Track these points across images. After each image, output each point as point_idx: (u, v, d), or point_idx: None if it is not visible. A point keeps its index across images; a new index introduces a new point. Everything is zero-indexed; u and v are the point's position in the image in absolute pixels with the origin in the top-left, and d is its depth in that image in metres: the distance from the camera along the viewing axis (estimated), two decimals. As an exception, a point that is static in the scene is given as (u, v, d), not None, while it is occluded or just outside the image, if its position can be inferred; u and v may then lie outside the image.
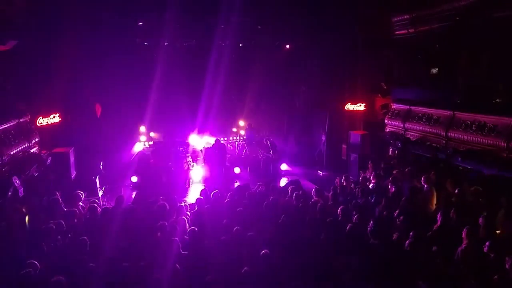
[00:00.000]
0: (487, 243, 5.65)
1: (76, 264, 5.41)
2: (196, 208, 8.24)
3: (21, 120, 10.26)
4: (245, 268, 5.24)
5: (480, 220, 6.37)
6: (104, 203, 10.24)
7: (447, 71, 11.07)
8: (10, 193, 8.00)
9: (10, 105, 10.20)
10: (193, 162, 13.38)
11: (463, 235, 5.96)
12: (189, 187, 12.32)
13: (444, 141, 9.93)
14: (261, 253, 5.59)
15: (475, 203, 7.49)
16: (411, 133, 11.31)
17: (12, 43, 9.33)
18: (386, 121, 12.48)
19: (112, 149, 12.85)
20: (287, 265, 5.49)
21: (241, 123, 16.01)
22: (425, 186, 8.31)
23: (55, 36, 10.79)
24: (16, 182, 8.23)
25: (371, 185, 9.52)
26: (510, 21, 8.64)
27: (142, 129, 14.37)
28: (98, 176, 10.95)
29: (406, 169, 9.48)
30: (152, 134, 15.17)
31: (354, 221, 6.93)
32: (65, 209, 7.84)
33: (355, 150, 12.30)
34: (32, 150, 10.49)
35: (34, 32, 10.17)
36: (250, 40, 14.62)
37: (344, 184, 9.53)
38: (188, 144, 14.01)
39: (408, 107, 11.58)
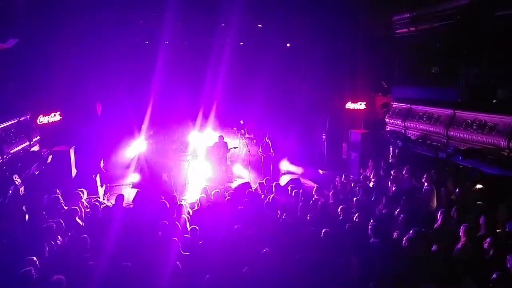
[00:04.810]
0: (487, 240, 5.65)
1: (77, 263, 5.42)
2: (196, 207, 8.26)
3: (21, 119, 10.27)
4: (246, 267, 5.24)
5: (481, 219, 6.37)
6: (104, 201, 10.26)
7: (448, 70, 11.04)
8: (10, 191, 8.01)
9: (11, 103, 10.21)
10: (193, 160, 13.38)
11: (461, 233, 5.97)
12: (189, 185, 12.33)
13: (444, 140, 9.92)
14: (262, 251, 5.60)
15: (477, 202, 7.52)
16: (411, 131, 11.30)
17: (12, 42, 9.32)
18: (386, 119, 12.47)
19: (112, 147, 12.86)
20: (288, 264, 5.49)
21: (241, 121, 16.00)
22: (426, 184, 8.31)
23: (55, 35, 10.78)
24: (16, 180, 8.23)
25: (371, 183, 9.53)
26: (511, 20, 8.63)
27: (143, 127, 14.38)
28: (98, 175, 10.96)
29: (406, 168, 9.48)
30: (152, 132, 15.16)
31: (354, 220, 6.94)
32: (66, 207, 7.86)
33: (356, 149, 12.30)
34: (32, 149, 10.49)
35: (34, 31, 10.16)
36: (250, 38, 14.60)
37: (345, 182, 9.54)
38: (188, 143, 14.00)
39: (408, 106, 11.56)
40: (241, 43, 14.84)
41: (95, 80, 12.47)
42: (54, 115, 11.48)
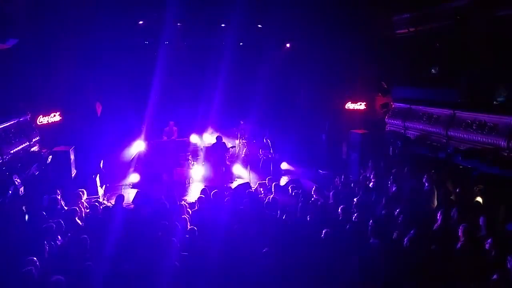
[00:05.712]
0: (489, 240, 5.65)
1: (76, 263, 5.42)
2: (196, 207, 8.26)
3: (21, 119, 10.27)
4: (246, 267, 5.24)
5: (481, 219, 6.37)
6: (104, 202, 10.25)
7: (448, 70, 11.05)
8: (10, 192, 8.01)
9: (11, 103, 10.21)
10: (193, 160, 13.39)
11: (460, 233, 5.97)
12: (189, 185, 12.33)
13: (444, 140, 9.92)
14: (262, 251, 5.60)
15: (478, 202, 7.52)
16: (411, 132, 11.31)
17: (12, 42, 9.33)
18: (386, 120, 12.48)
19: (112, 148, 12.86)
20: (288, 264, 5.49)
21: (241, 122, 16.01)
22: (426, 185, 8.31)
23: (55, 35, 10.79)
24: (16, 180, 8.23)
25: (371, 184, 9.53)
26: (511, 20, 8.63)
27: (143, 128, 14.39)
28: (98, 175, 10.96)
29: (406, 168, 9.48)
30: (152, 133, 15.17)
31: (354, 220, 6.94)
32: (66, 208, 7.86)
33: (356, 149, 12.29)
34: (32, 149, 10.50)
35: (34, 31, 10.17)
36: (250, 38, 14.61)
37: (345, 182, 9.53)
38: (188, 143, 14.01)
39: (408, 106, 11.57)
40: (241, 43, 14.84)
41: (95, 80, 12.46)
42: (54, 115, 11.49)
